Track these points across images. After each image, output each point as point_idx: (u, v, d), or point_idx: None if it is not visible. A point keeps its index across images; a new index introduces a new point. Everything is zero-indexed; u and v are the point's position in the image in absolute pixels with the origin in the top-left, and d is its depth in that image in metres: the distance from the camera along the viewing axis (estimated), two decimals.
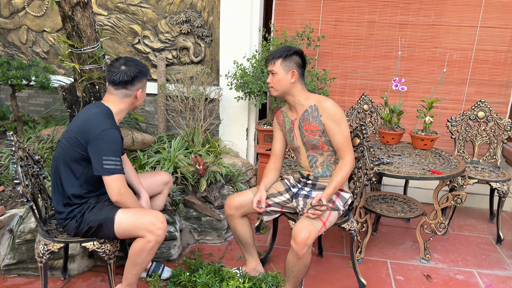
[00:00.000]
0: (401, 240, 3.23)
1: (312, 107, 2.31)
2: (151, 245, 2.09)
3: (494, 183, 3.15)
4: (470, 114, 3.45)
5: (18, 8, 4.07)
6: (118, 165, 2.03)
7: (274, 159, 2.54)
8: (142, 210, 2.16)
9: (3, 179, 2.99)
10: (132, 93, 2.15)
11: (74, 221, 2.10)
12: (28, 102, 4.32)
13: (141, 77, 2.16)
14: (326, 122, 2.28)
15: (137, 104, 2.24)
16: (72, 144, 2.06)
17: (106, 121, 2.04)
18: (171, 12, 3.86)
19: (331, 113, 2.27)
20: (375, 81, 3.95)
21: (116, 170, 2.02)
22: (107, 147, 2.00)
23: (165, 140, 3.68)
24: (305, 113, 2.33)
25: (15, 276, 2.59)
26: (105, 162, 1.99)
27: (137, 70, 2.13)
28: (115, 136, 2.04)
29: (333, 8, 3.85)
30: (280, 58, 2.26)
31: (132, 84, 2.13)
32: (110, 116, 2.10)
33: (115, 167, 2.01)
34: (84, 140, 2.03)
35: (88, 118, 2.07)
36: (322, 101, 2.30)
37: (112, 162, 2.01)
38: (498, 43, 3.68)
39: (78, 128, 2.07)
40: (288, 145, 2.51)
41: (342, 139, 2.28)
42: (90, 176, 2.11)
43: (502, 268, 2.89)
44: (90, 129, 2.02)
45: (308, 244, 2.10)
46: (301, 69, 2.32)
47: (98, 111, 2.09)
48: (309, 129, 2.32)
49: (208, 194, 3.13)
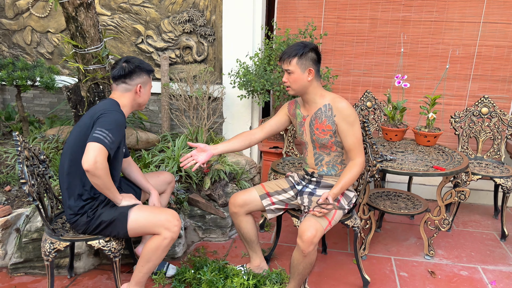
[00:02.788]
0: (405, 237, 3.23)
1: (326, 106, 2.28)
2: (167, 242, 2.14)
3: (498, 179, 3.15)
4: (473, 110, 3.44)
5: (22, 10, 4.10)
6: (108, 140, 1.98)
7: (259, 129, 2.50)
8: (158, 208, 2.22)
9: (9, 179, 3.03)
10: (132, 88, 2.22)
11: (85, 217, 2.12)
12: (33, 103, 4.35)
13: (140, 73, 2.22)
14: (340, 122, 2.25)
15: (141, 102, 2.28)
16: (84, 131, 2.09)
17: (113, 106, 2.15)
18: (174, 12, 3.88)
19: (345, 114, 2.24)
20: (378, 78, 3.95)
21: (101, 141, 1.96)
22: (106, 121, 2.04)
23: (169, 139, 3.70)
24: (318, 112, 2.30)
25: (22, 274, 2.62)
26: (97, 131, 1.99)
27: (134, 65, 2.21)
28: (119, 118, 2.09)
29: (336, 6, 3.86)
30: (296, 57, 2.21)
31: (130, 79, 2.21)
32: (117, 105, 2.19)
33: (103, 138, 1.97)
34: (95, 117, 2.08)
35: (98, 105, 2.20)
36: (337, 101, 2.26)
37: (104, 134, 1.98)
38: (500, 38, 3.67)
39: (89, 113, 2.15)
40: (297, 137, 2.50)
41: (355, 140, 2.26)
42: None
43: (506, 264, 2.88)
44: (98, 110, 2.11)
45: (315, 242, 2.11)
46: (317, 65, 2.27)
47: (106, 101, 2.21)
48: (320, 128, 2.30)
49: (212, 192, 3.15)
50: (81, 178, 2.13)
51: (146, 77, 2.27)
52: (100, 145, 1.96)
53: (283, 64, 2.25)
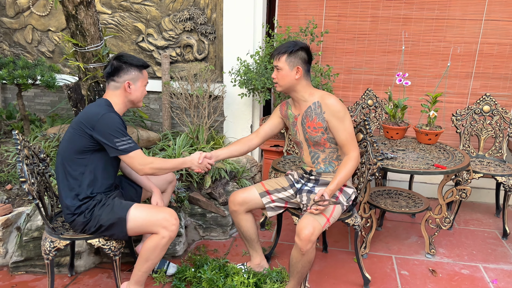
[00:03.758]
0: (406, 235, 3.22)
1: (316, 104, 2.30)
2: (165, 241, 2.14)
3: (499, 177, 3.13)
4: (475, 108, 3.43)
5: (23, 8, 4.10)
6: (130, 142, 2.10)
7: (254, 135, 2.53)
8: (155, 207, 2.23)
9: (10, 178, 3.03)
10: (120, 85, 2.19)
11: (82, 217, 2.12)
12: (34, 101, 4.35)
13: (128, 69, 2.18)
14: (330, 119, 2.27)
15: (133, 99, 2.24)
16: (78, 131, 2.10)
17: (103, 107, 2.12)
18: (175, 10, 3.88)
19: (334, 110, 2.25)
20: (379, 75, 3.94)
21: (130, 148, 2.09)
22: (112, 129, 2.06)
23: (170, 138, 3.70)
24: (308, 110, 2.32)
25: (23, 273, 2.62)
26: (117, 144, 2.07)
27: (121, 61, 2.18)
28: (114, 118, 2.09)
29: (337, 3, 3.84)
30: (285, 54, 2.25)
31: (118, 76, 2.18)
32: (108, 105, 2.17)
33: (128, 146, 2.08)
34: (90, 125, 2.07)
35: (89, 106, 2.19)
36: (325, 97, 2.29)
37: (124, 141, 2.08)
38: (502, 36, 3.65)
39: (81, 115, 2.14)
40: (292, 138, 2.51)
41: (347, 135, 2.27)
42: (94, 171, 2.14)
43: (508, 263, 2.88)
44: (91, 116, 2.09)
45: (312, 240, 2.10)
46: (307, 65, 2.30)
47: (97, 102, 2.21)
48: (312, 126, 2.31)
49: (213, 191, 3.15)
50: (76, 177, 2.13)
51: (136, 73, 2.21)
52: (132, 152, 2.09)
53: (274, 61, 2.30)
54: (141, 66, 2.23)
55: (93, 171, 2.14)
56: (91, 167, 2.14)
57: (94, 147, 2.11)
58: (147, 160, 2.13)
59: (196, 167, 2.34)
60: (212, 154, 2.39)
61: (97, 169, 2.15)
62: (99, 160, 2.15)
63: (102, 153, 2.13)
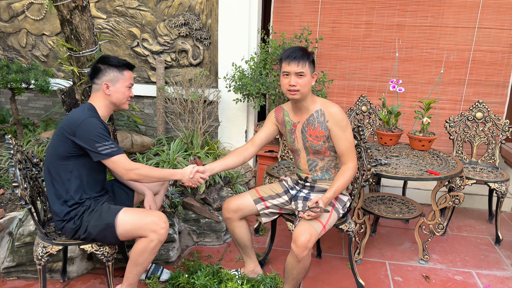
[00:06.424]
0: (400, 241, 3.23)
1: (318, 112, 2.27)
2: (154, 244, 2.11)
3: (492, 184, 3.16)
4: (468, 115, 3.45)
5: (17, 12, 4.09)
6: (113, 147, 2.06)
7: (250, 144, 2.45)
8: (144, 211, 2.19)
9: (3, 182, 3.01)
10: (99, 86, 2.17)
11: (71, 223, 2.10)
12: (27, 105, 4.33)
13: (106, 70, 2.15)
14: (333, 128, 2.24)
15: (114, 101, 2.19)
16: (60, 137, 2.08)
17: (85, 112, 2.09)
18: (170, 15, 3.88)
19: (338, 119, 2.24)
20: (373, 82, 3.96)
21: (113, 152, 2.05)
22: (93, 134, 2.03)
23: (164, 143, 3.69)
24: (311, 118, 2.29)
25: (14, 278, 2.60)
26: (99, 149, 2.04)
27: (99, 63, 2.16)
28: (95, 123, 2.05)
29: (331, 10, 3.87)
30: (308, 60, 2.17)
31: (97, 78, 2.16)
32: (90, 109, 2.14)
33: (111, 150, 2.05)
34: (71, 131, 2.05)
35: (72, 112, 2.16)
36: (328, 106, 2.26)
37: (106, 146, 2.04)
38: (495, 43, 3.70)
39: (64, 120, 2.12)
40: (288, 145, 2.48)
41: (347, 145, 2.26)
42: (80, 177, 2.13)
43: (500, 269, 2.89)
44: (72, 122, 2.06)
45: (309, 247, 2.10)
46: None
47: (80, 107, 2.18)
48: (314, 134, 2.29)
49: (207, 196, 3.14)
50: (63, 183, 2.11)
51: (115, 74, 2.16)
52: (115, 157, 2.06)
53: (295, 67, 2.15)
54: (121, 67, 2.18)
55: (78, 177, 2.12)
56: (76, 173, 2.12)
57: (78, 152, 2.09)
58: (132, 166, 2.09)
59: (187, 180, 2.26)
60: (205, 168, 2.30)
61: (83, 174, 2.13)
62: (84, 165, 2.12)
63: (87, 158, 2.10)
